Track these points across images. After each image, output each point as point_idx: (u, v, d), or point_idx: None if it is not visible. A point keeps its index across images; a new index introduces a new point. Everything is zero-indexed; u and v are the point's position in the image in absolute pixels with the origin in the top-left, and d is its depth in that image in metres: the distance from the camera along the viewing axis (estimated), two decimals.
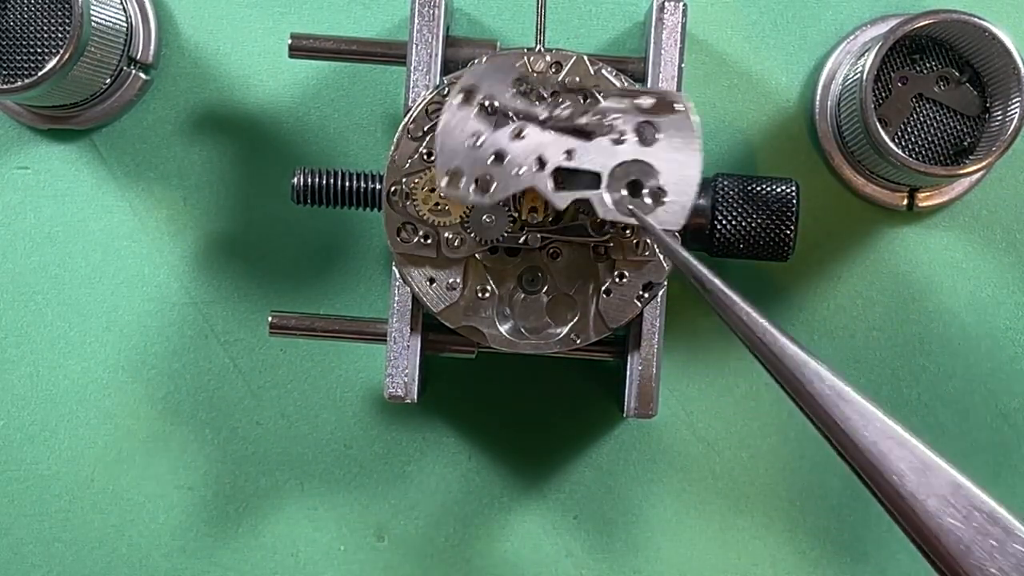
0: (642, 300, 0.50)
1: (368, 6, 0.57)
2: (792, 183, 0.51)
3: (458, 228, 0.49)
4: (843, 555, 0.57)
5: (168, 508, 0.57)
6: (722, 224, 0.51)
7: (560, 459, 0.57)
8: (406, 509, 0.57)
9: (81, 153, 0.57)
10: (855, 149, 0.55)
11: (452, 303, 0.50)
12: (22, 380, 0.57)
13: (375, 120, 0.57)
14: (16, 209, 0.57)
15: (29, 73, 0.53)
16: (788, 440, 0.57)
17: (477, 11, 0.57)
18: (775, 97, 0.57)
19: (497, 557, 0.57)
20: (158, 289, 0.57)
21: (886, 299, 0.57)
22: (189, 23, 0.57)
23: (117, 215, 0.57)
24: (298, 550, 0.57)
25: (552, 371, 0.57)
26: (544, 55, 0.49)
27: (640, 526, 0.57)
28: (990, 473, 0.57)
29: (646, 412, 0.51)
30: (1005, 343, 0.57)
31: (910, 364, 0.57)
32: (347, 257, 0.57)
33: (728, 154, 0.57)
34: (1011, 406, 0.57)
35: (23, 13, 0.53)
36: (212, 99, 0.57)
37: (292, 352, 0.57)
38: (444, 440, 0.57)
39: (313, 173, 0.51)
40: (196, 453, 0.57)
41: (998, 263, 0.57)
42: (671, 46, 0.50)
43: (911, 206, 0.56)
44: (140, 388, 0.57)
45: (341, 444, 0.57)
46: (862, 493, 0.57)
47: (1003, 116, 0.53)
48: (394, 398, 0.51)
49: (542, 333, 0.50)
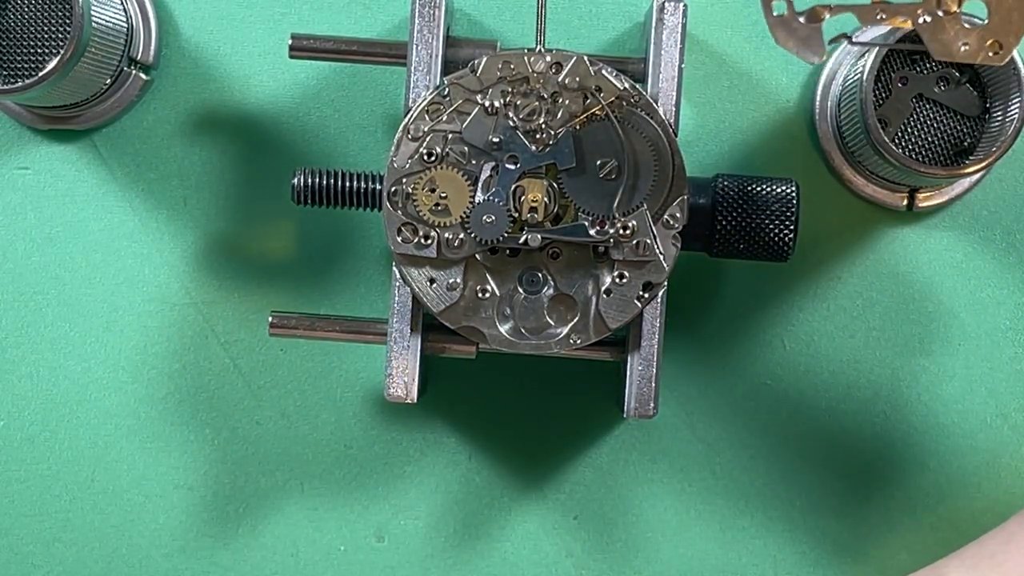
0: (642, 300, 0.50)
1: (368, 6, 0.57)
2: (792, 183, 0.51)
3: (458, 228, 0.49)
4: (843, 555, 0.57)
5: (168, 508, 0.57)
6: (722, 224, 0.51)
7: (560, 459, 0.57)
8: (406, 509, 0.57)
9: (81, 153, 0.57)
10: (855, 149, 0.55)
11: (452, 303, 0.50)
12: (22, 380, 0.57)
13: (375, 120, 0.57)
14: (16, 209, 0.57)
15: (29, 73, 0.53)
16: (788, 440, 0.57)
17: (477, 11, 0.57)
18: (775, 97, 0.57)
19: (497, 557, 0.57)
20: (158, 289, 0.57)
21: (886, 299, 0.57)
22: (189, 23, 0.57)
23: (117, 215, 0.57)
24: (298, 550, 0.57)
25: (552, 371, 0.57)
26: (544, 55, 0.49)
27: (640, 526, 0.57)
28: (990, 473, 0.57)
29: (646, 412, 0.51)
30: (1005, 343, 0.57)
31: (910, 364, 0.57)
32: (347, 257, 0.57)
33: (728, 154, 0.57)
34: (1011, 406, 0.57)
35: (23, 13, 0.53)
36: (212, 99, 0.57)
37: (292, 352, 0.57)
38: (444, 440, 0.57)
39: (313, 173, 0.51)
40: (196, 453, 0.57)
41: (998, 263, 0.57)
42: (671, 46, 0.50)
43: (911, 206, 0.56)
44: (140, 388, 0.57)
45: (341, 444, 0.57)
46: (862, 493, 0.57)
47: (1003, 116, 0.53)
48: (394, 398, 0.51)
49: (542, 333, 0.50)
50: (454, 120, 0.49)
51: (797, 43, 0.44)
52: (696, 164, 0.56)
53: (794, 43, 0.44)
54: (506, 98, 0.49)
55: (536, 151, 0.49)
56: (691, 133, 0.57)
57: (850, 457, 0.57)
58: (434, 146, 0.49)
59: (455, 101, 0.49)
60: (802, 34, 0.44)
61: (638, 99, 0.49)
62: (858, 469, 0.57)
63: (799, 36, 0.44)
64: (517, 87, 0.49)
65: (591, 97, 0.49)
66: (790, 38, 0.44)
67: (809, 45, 0.44)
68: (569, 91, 0.49)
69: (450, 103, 0.49)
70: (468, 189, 0.49)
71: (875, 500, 0.57)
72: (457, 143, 0.49)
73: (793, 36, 0.44)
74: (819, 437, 0.57)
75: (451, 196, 0.49)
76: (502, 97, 0.49)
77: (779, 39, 0.44)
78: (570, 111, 0.49)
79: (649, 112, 0.49)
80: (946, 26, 0.44)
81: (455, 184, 0.49)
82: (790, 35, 0.44)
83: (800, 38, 0.44)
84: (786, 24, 0.44)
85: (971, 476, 0.57)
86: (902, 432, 0.57)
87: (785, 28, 0.44)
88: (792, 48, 0.44)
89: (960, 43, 0.44)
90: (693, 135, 0.57)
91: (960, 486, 0.57)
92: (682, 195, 0.49)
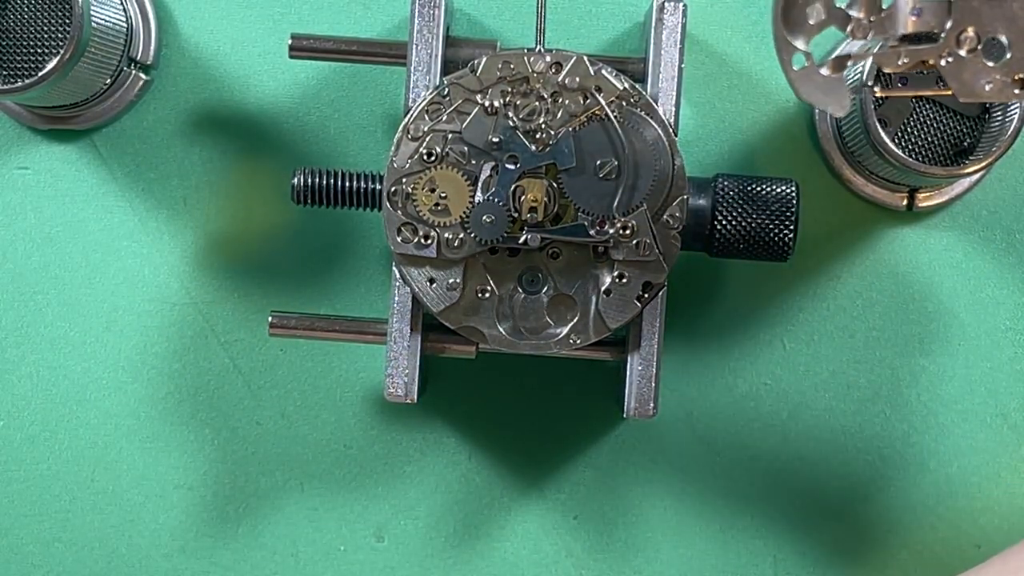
0: (642, 300, 0.50)
1: (368, 6, 0.57)
2: (792, 183, 0.51)
3: (458, 228, 0.49)
4: (843, 555, 0.57)
5: (168, 508, 0.57)
6: (722, 224, 0.51)
7: (560, 459, 0.57)
8: (406, 509, 0.57)
9: (81, 153, 0.57)
10: (855, 149, 0.55)
11: (452, 303, 0.50)
12: (22, 380, 0.57)
13: (375, 120, 0.57)
14: (16, 209, 0.57)
15: (29, 73, 0.53)
16: (788, 440, 0.57)
17: (477, 11, 0.57)
18: (775, 97, 0.57)
19: (497, 557, 0.57)
20: (158, 289, 0.57)
21: (886, 299, 0.57)
22: (189, 23, 0.57)
23: (117, 215, 0.57)
24: (298, 550, 0.57)
25: (552, 371, 0.57)
26: (544, 55, 0.49)
27: (640, 526, 0.57)
28: (990, 473, 0.57)
29: (646, 412, 0.51)
30: (1005, 343, 0.57)
31: (910, 364, 0.57)
32: (347, 257, 0.57)
33: (728, 154, 0.57)
34: (1011, 406, 0.57)
35: (23, 13, 0.53)
36: (212, 99, 0.57)
37: (292, 352, 0.57)
38: (444, 440, 0.57)
39: (313, 173, 0.51)
40: (196, 453, 0.57)
41: (998, 263, 0.57)
42: (671, 46, 0.50)
43: (911, 206, 0.56)
44: (140, 388, 0.57)
45: (341, 444, 0.57)
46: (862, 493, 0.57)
47: (1003, 116, 0.53)
48: (394, 398, 0.51)
49: (542, 333, 0.50)
50: (454, 120, 0.49)
51: (821, 96, 0.43)
52: (696, 164, 0.56)
53: (818, 96, 0.43)
54: (506, 98, 0.49)
55: (536, 151, 0.49)
56: (691, 133, 0.57)
57: (850, 457, 0.57)
58: (434, 146, 0.49)
59: (455, 101, 0.49)
60: (825, 87, 0.43)
61: (638, 99, 0.49)
62: (858, 469, 0.57)
63: (823, 89, 0.43)
64: (517, 87, 0.49)
65: (591, 97, 0.49)
66: (813, 92, 0.43)
67: (834, 97, 0.43)
68: (569, 91, 0.49)
69: (450, 103, 0.49)
70: (468, 189, 0.49)
71: (875, 500, 0.57)
72: (457, 143, 0.49)
73: (817, 89, 0.43)
74: (819, 437, 0.57)
75: (451, 196, 0.49)
76: (502, 97, 0.49)
77: (801, 93, 0.42)
78: (570, 111, 0.49)
79: (649, 112, 0.49)
80: (968, 66, 0.42)
81: (455, 184, 0.49)
82: (813, 89, 0.43)
83: (824, 91, 0.43)
84: (807, 77, 0.43)
85: (971, 476, 0.57)
86: (902, 432, 0.57)
87: (807, 82, 0.43)
88: (816, 102, 0.43)
89: (983, 82, 0.43)
90: (693, 135, 0.57)
91: (960, 486, 0.57)
92: (682, 195, 0.49)
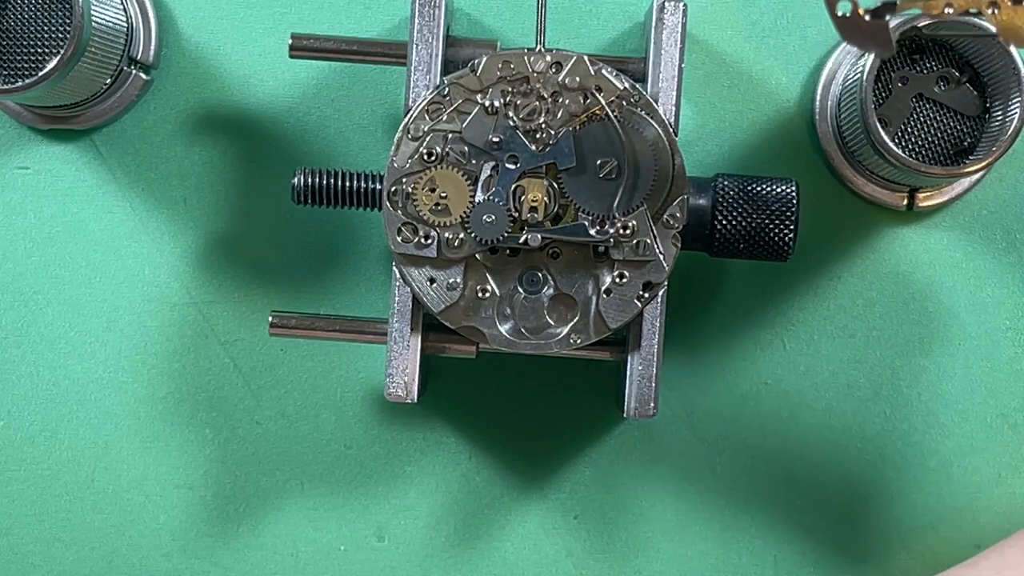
0: (642, 300, 0.50)
1: (368, 6, 0.57)
2: (792, 183, 0.51)
3: (458, 228, 0.49)
4: (843, 555, 0.57)
5: (168, 508, 0.57)
6: (722, 224, 0.51)
7: (560, 459, 0.57)
8: (406, 509, 0.57)
9: (81, 153, 0.57)
10: (855, 149, 0.55)
11: (452, 303, 0.50)
12: (22, 380, 0.57)
13: (375, 120, 0.57)
14: (16, 209, 0.57)
15: (29, 73, 0.53)
16: (788, 440, 0.57)
17: (477, 11, 0.57)
18: (775, 97, 0.57)
19: (497, 557, 0.57)
20: (158, 289, 0.57)
21: (886, 299, 0.57)
22: (189, 23, 0.57)
23: (117, 215, 0.57)
24: (298, 550, 0.57)
25: (552, 371, 0.57)
26: (544, 55, 0.49)
27: (640, 526, 0.57)
28: (990, 473, 0.57)
29: (646, 412, 0.51)
30: (1005, 343, 0.57)
31: (910, 364, 0.57)
32: (347, 257, 0.57)
33: (728, 154, 0.57)
34: (1011, 406, 0.57)
35: (23, 13, 0.53)
36: (212, 99, 0.57)
37: (292, 352, 0.57)
38: (444, 440, 0.57)
39: (313, 173, 0.51)
40: (196, 453, 0.57)
41: (998, 263, 0.57)
42: (671, 46, 0.50)
43: (911, 206, 0.56)
44: (140, 388, 0.57)
45: (341, 444, 0.57)
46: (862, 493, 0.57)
47: (1003, 116, 0.53)
48: (394, 398, 0.51)
49: (542, 333, 0.50)
50: (454, 120, 0.49)
51: (865, 40, 0.43)
52: (696, 164, 0.56)
53: (862, 40, 0.43)
54: (506, 98, 0.49)
55: (536, 151, 0.49)
56: (691, 133, 0.57)
57: (850, 457, 0.57)
58: (434, 146, 0.49)
59: (455, 101, 0.49)
60: (870, 30, 0.43)
61: (638, 99, 0.49)
62: (858, 469, 0.57)
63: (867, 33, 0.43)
64: (517, 87, 0.49)
65: (591, 97, 0.49)
66: (857, 36, 0.43)
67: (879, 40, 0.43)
68: (569, 91, 0.49)
69: (450, 103, 0.49)
70: (468, 189, 0.49)
71: (875, 500, 0.57)
72: (457, 143, 0.49)
73: (861, 34, 0.43)
74: (819, 437, 0.57)
75: (451, 196, 0.49)
76: (502, 97, 0.49)
77: (846, 37, 0.43)
78: (570, 111, 0.49)
79: (649, 112, 0.49)
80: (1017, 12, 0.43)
81: (455, 184, 0.49)
82: (858, 33, 0.43)
83: (867, 35, 0.43)
84: (853, 23, 0.43)
85: (971, 476, 0.57)
86: (902, 432, 0.57)
87: (852, 27, 0.43)
88: (860, 45, 0.43)
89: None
90: (693, 135, 0.57)
91: (960, 486, 0.57)
92: (682, 195, 0.49)
